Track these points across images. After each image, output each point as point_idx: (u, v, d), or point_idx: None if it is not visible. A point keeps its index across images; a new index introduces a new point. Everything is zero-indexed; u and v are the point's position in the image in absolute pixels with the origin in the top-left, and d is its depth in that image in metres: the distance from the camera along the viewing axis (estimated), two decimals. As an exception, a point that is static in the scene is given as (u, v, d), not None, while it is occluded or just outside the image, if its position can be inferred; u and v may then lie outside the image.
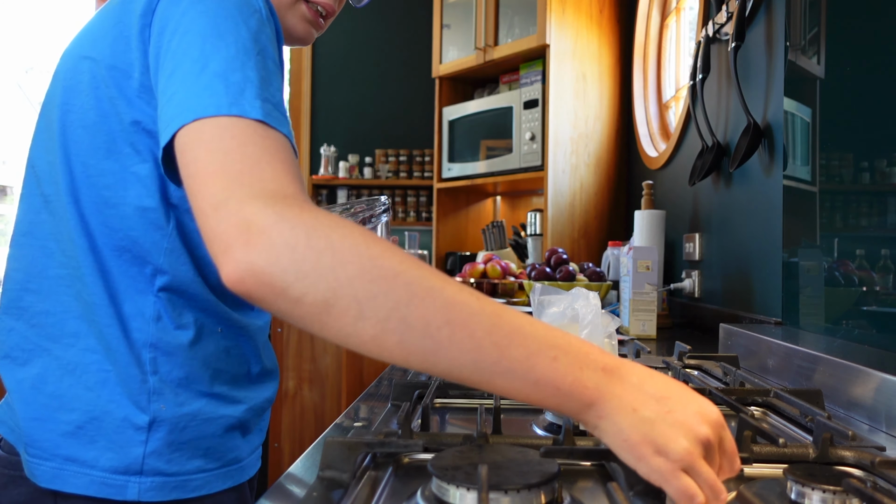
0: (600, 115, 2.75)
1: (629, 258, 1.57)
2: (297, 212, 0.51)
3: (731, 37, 1.54)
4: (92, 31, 0.72)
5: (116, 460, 0.68)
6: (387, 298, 0.49)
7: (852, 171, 1.13)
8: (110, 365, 0.69)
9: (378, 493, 0.56)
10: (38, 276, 0.72)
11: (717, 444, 0.50)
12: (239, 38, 0.61)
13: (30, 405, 0.70)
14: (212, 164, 0.54)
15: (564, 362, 0.50)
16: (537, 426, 0.77)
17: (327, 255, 0.49)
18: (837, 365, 0.88)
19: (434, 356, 0.49)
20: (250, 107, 0.57)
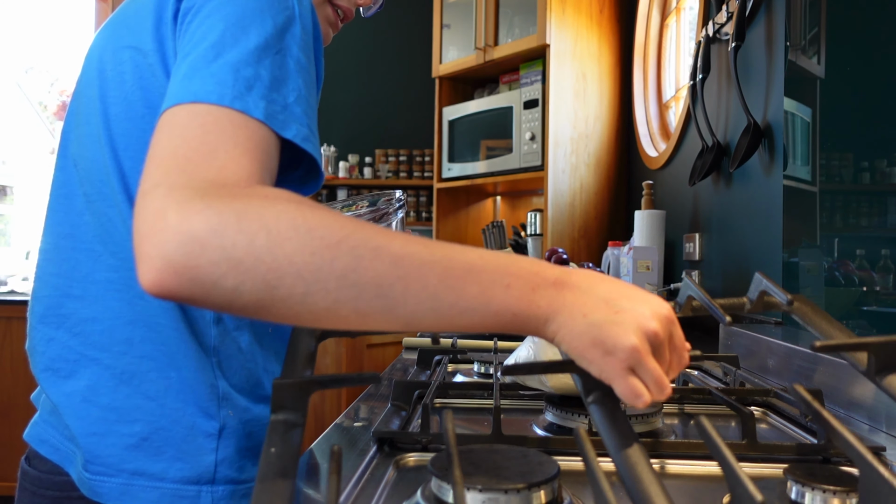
0: (600, 115, 2.75)
1: (629, 258, 1.57)
2: (229, 199, 0.48)
3: (731, 37, 1.54)
4: (129, 20, 0.68)
5: (187, 470, 0.66)
6: (332, 268, 0.47)
7: (852, 171, 1.13)
8: (173, 371, 0.66)
9: (378, 492, 0.56)
10: (82, 281, 0.67)
11: (666, 339, 0.51)
12: (262, 32, 0.59)
13: (84, 419, 0.66)
14: (167, 147, 0.52)
15: (518, 287, 0.50)
16: (537, 426, 0.77)
17: (261, 236, 0.46)
18: (838, 365, 0.88)
19: (391, 313, 0.49)
20: (254, 105, 0.55)
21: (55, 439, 0.70)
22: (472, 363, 1.09)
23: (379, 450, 0.66)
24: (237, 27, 0.58)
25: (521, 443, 0.66)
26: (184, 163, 0.50)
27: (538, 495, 0.49)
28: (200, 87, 0.55)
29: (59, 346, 0.68)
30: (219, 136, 0.53)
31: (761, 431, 0.78)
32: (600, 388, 0.52)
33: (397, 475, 0.61)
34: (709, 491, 0.59)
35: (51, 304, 0.70)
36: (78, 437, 0.66)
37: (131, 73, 0.66)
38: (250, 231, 0.46)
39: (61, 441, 0.69)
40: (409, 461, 0.64)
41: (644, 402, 0.49)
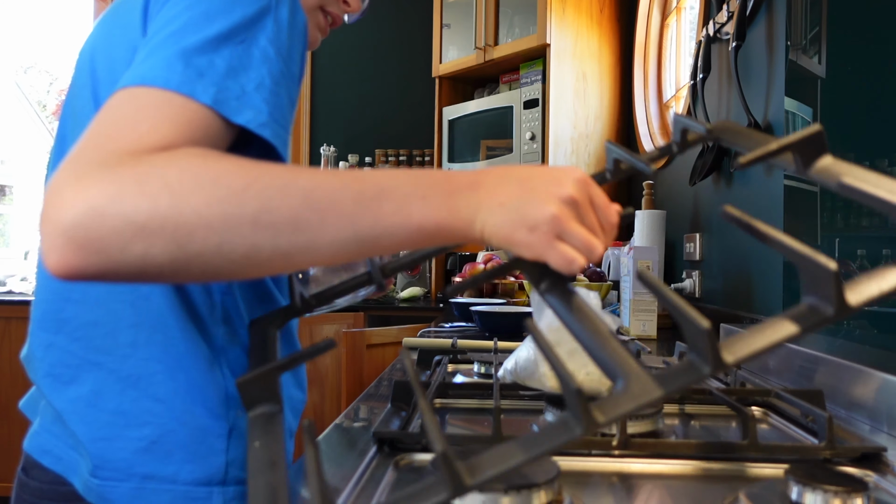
0: (600, 115, 2.75)
1: (629, 258, 1.57)
2: (133, 164, 0.46)
3: (731, 36, 1.54)
4: (121, 19, 0.68)
5: (198, 472, 0.65)
6: (243, 213, 0.46)
7: (853, 170, 1.13)
8: (181, 373, 0.65)
9: (378, 492, 0.56)
10: (81, 285, 0.65)
11: (585, 200, 0.53)
12: (227, 22, 0.58)
13: (91, 425, 0.64)
14: (93, 126, 0.50)
15: (434, 197, 0.50)
16: (537, 426, 0.77)
17: (164, 196, 0.45)
18: (838, 365, 0.88)
19: (313, 247, 0.48)
20: (202, 90, 0.53)
21: (58, 449, 0.68)
22: (472, 363, 1.09)
23: (379, 450, 0.65)
24: (203, 16, 0.57)
25: (521, 443, 0.65)
26: (101, 138, 0.49)
27: (538, 495, 0.48)
28: (149, 70, 0.54)
29: (60, 351, 0.67)
30: (152, 114, 0.51)
31: (762, 432, 0.78)
32: (547, 276, 0.52)
33: (397, 475, 0.61)
34: (709, 491, 0.59)
35: (49, 308, 0.69)
36: (85, 443, 0.64)
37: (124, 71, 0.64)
38: (152, 193, 0.45)
39: (64, 450, 0.67)
40: (409, 461, 0.64)
41: (579, 265, 0.50)
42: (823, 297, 0.40)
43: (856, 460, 0.64)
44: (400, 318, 2.86)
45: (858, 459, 0.64)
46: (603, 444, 0.65)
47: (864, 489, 0.49)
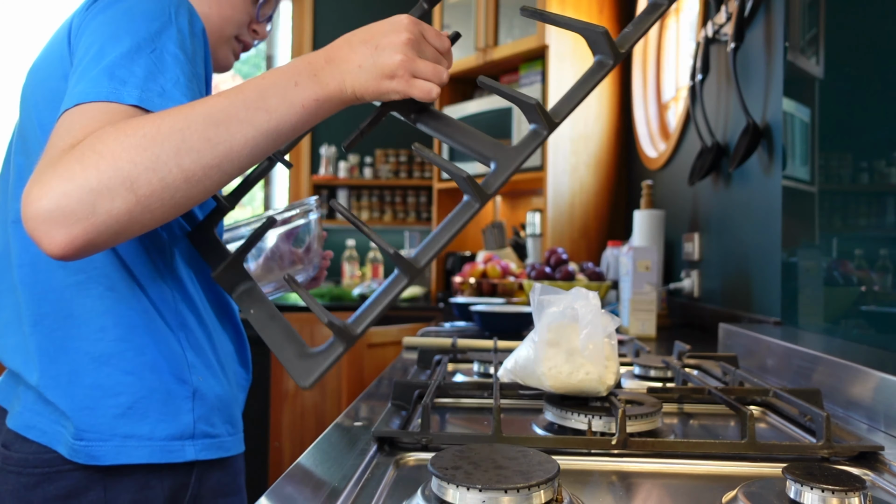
0: (600, 115, 2.75)
1: (629, 258, 1.58)
2: (72, 151, 0.59)
3: (730, 37, 1.54)
4: (49, 57, 0.79)
5: (171, 429, 0.75)
6: (166, 150, 0.59)
7: (851, 171, 1.13)
8: (146, 350, 0.75)
9: (378, 492, 0.56)
10: (55, 288, 0.76)
11: (420, 37, 0.66)
12: (135, 38, 0.69)
13: (73, 398, 0.74)
14: (52, 139, 0.63)
15: (304, 80, 0.64)
16: (537, 426, 0.77)
17: (102, 162, 0.58)
18: (836, 365, 0.88)
19: (233, 154, 0.62)
20: (127, 94, 0.65)
21: (42, 423, 0.75)
22: (472, 363, 1.09)
23: (379, 450, 0.66)
24: (112, 38, 0.69)
25: (521, 443, 0.66)
26: (50, 149, 0.61)
27: (538, 495, 0.49)
28: (81, 92, 0.65)
29: (41, 340, 0.76)
30: (86, 122, 0.62)
31: (760, 431, 0.79)
32: (414, 107, 0.70)
33: (397, 475, 0.61)
34: (709, 491, 0.60)
35: (26, 307, 0.77)
36: (68, 413, 0.73)
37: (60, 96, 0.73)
38: (92, 163, 0.58)
39: (48, 424, 0.75)
40: (409, 461, 0.64)
41: (435, 91, 0.66)
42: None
43: (853, 459, 0.64)
44: (400, 317, 2.86)
45: (856, 458, 0.64)
46: (602, 444, 0.66)
47: (861, 488, 0.50)
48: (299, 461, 0.63)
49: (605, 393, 0.75)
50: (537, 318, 0.79)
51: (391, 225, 3.67)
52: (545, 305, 0.79)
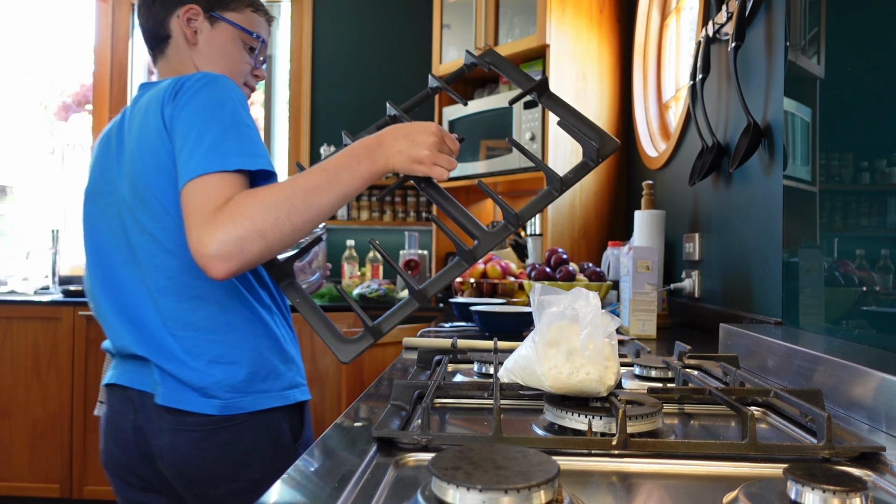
0: (600, 115, 2.75)
1: (629, 258, 1.57)
2: (223, 214, 0.93)
3: (731, 37, 1.54)
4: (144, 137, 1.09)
5: (282, 383, 1.11)
6: (283, 212, 0.94)
7: (852, 170, 1.13)
8: (260, 339, 1.10)
9: (378, 492, 0.56)
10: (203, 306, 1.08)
11: (441, 140, 1.01)
12: (219, 121, 1.00)
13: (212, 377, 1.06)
14: (192, 202, 0.96)
15: (363, 160, 1.00)
16: (537, 426, 0.77)
17: (247, 221, 0.93)
18: (837, 365, 0.88)
19: (322, 211, 0.97)
20: (230, 163, 0.97)
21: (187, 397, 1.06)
22: (472, 363, 1.09)
23: (379, 450, 0.66)
24: (205, 125, 1.00)
25: (521, 443, 0.66)
26: (200, 210, 0.94)
27: (538, 495, 0.49)
28: (196, 166, 0.96)
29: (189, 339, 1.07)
30: (214, 188, 0.96)
31: (761, 431, 0.78)
32: (428, 182, 1.06)
33: (397, 475, 0.61)
34: (709, 491, 0.59)
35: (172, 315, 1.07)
36: (211, 389, 1.06)
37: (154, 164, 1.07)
38: (239, 221, 0.92)
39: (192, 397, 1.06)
40: (409, 461, 0.64)
41: (446, 175, 1.01)
42: None
43: (854, 460, 0.64)
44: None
45: (857, 459, 0.64)
46: (603, 444, 0.66)
47: (862, 488, 0.49)
48: (299, 461, 0.63)
49: (606, 393, 0.75)
50: (537, 318, 0.79)
51: (391, 225, 3.67)
52: (545, 306, 0.79)
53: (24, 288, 3.43)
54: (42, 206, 4.10)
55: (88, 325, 3.06)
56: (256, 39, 1.24)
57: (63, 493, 3.02)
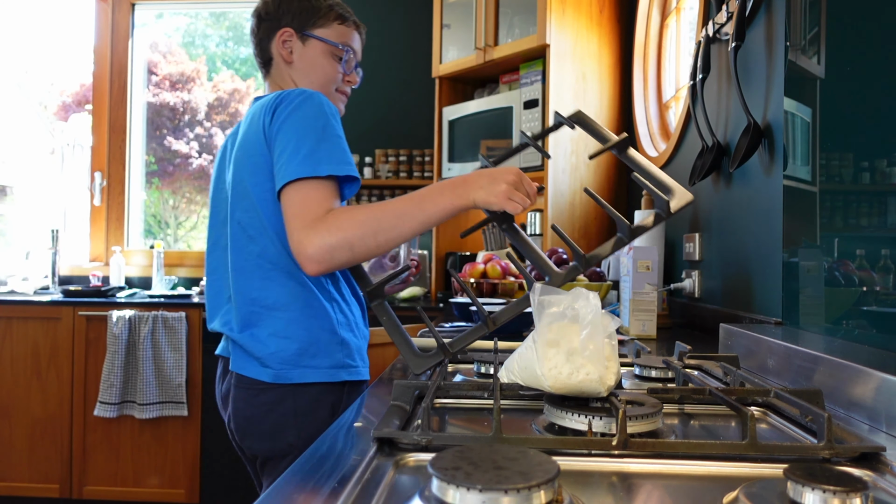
0: (600, 115, 2.75)
1: (629, 258, 1.57)
2: (324, 223, 1.10)
3: (731, 37, 1.54)
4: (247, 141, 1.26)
5: (330, 362, 1.23)
6: (371, 229, 1.10)
7: (852, 170, 1.13)
8: (313, 319, 1.23)
9: (378, 493, 0.56)
10: (269, 301, 1.23)
11: (520, 181, 1.11)
12: (315, 134, 1.16)
13: (268, 347, 1.21)
14: (293, 207, 1.13)
15: (448, 194, 1.12)
16: (537, 426, 0.77)
17: (340, 233, 1.09)
18: (837, 365, 0.88)
19: (403, 233, 1.13)
20: (322, 169, 1.13)
21: (249, 366, 1.23)
22: (472, 363, 1.09)
23: (379, 450, 0.66)
24: (303, 136, 1.16)
25: (521, 443, 0.66)
26: (302, 216, 1.11)
27: (538, 495, 0.49)
28: (294, 170, 1.13)
29: (263, 325, 1.23)
30: (312, 192, 1.13)
31: (761, 431, 0.78)
32: (505, 219, 1.17)
33: (397, 476, 0.61)
34: (709, 491, 0.59)
35: (246, 312, 1.24)
36: (266, 359, 1.21)
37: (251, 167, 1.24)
38: (333, 233, 1.09)
39: (252, 366, 1.23)
40: (409, 461, 0.64)
41: (519, 209, 1.10)
42: None
43: (855, 460, 0.64)
44: (400, 317, 2.85)
45: (857, 459, 0.64)
46: (603, 444, 0.65)
47: (863, 489, 0.49)
48: (299, 462, 0.63)
49: (606, 394, 0.75)
50: (537, 318, 0.79)
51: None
52: (545, 306, 0.79)
53: (24, 288, 3.43)
54: (42, 206, 4.10)
55: (88, 325, 3.06)
56: (342, 50, 1.39)
57: (63, 494, 3.02)
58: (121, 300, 3.13)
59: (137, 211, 3.96)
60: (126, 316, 2.97)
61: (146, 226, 4.07)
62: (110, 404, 2.93)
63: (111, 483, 3.03)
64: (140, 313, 2.98)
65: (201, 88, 4.11)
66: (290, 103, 1.18)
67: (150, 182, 4.10)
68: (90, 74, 3.86)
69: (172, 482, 3.02)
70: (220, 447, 2.99)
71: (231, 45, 4.29)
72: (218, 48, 4.28)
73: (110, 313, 2.98)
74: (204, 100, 4.11)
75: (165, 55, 4.07)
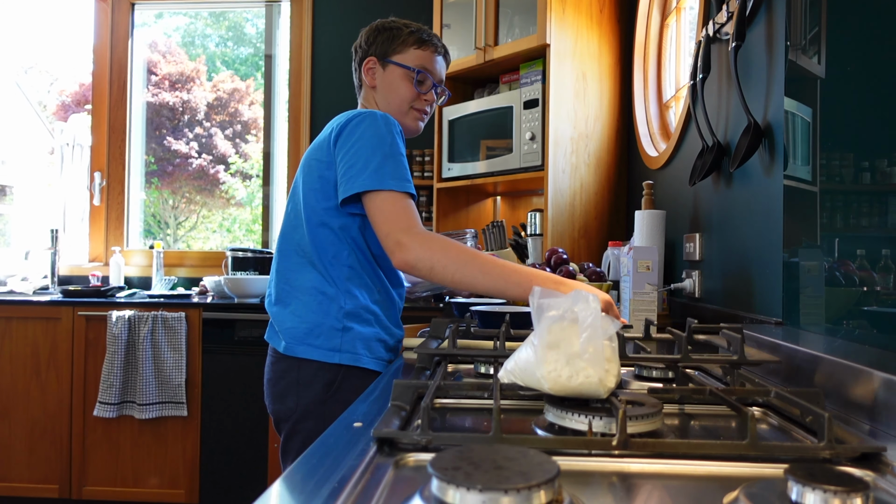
0: (600, 115, 2.75)
1: (629, 258, 1.57)
2: (419, 237, 1.27)
3: (731, 36, 1.54)
4: (318, 147, 1.46)
5: (329, 345, 1.39)
6: (452, 269, 1.26)
7: (853, 170, 1.13)
8: (322, 305, 1.40)
9: (378, 493, 0.56)
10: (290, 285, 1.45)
11: (610, 306, 1.17)
12: (381, 151, 1.33)
13: (285, 324, 1.42)
14: (380, 214, 1.31)
15: (536, 283, 1.20)
16: (537, 426, 0.77)
17: (426, 255, 1.26)
18: (838, 365, 0.88)
19: (472, 286, 1.26)
20: (389, 185, 1.31)
21: (272, 338, 1.48)
22: (472, 363, 1.09)
23: (379, 450, 0.66)
24: (371, 153, 1.34)
25: (521, 443, 0.66)
26: (398, 220, 1.30)
27: (538, 495, 0.48)
28: (363, 183, 1.31)
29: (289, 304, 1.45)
30: (391, 204, 1.31)
31: (761, 432, 0.78)
32: None
33: (397, 476, 0.61)
34: (709, 491, 0.59)
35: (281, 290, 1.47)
36: (281, 333, 1.43)
37: (317, 171, 1.43)
38: (422, 251, 1.26)
39: (274, 339, 1.46)
40: (408, 462, 0.64)
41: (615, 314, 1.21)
42: None
43: (855, 460, 0.64)
44: (400, 318, 2.85)
45: (858, 459, 0.64)
46: (603, 444, 0.65)
47: (863, 489, 0.49)
48: (299, 462, 0.63)
49: (606, 395, 0.74)
50: (536, 321, 0.79)
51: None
52: (544, 309, 0.79)
53: (24, 288, 3.43)
54: (41, 206, 4.10)
55: (87, 325, 3.06)
56: (413, 72, 1.54)
57: (62, 494, 3.02)
58: (120, 300, 3.13)
59: (137, 211, 3.96)
60: (126, 316, 2.97)
61: (146, 226, 4.07)
62: (110, 404, 2.93)
63: (111, 483, 3.03)
64: (140, 313, 2.98)
65: (201, 88, 4.11)
66: (358, 124, 1.37)
67: (149, 182, 4.10)
68: (90, 74, 3.86)
69: (172, 482, 3.02)
70: (220, 447, 2.99)
71: (231, 45, 4.29)
72: (217, 48, 4.28)
73: (110, 313, 2.98)
74: (203, 100, 4.11)
75: (165, 55, 4.06)
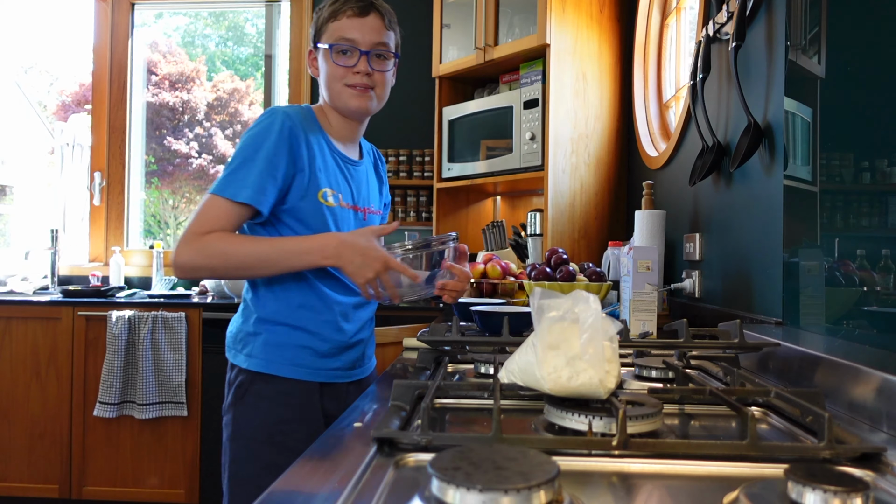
0: (600, 115, 2.75)
1: (629, 258, 1.57)
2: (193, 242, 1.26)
3: (731, 36, 1.54)
4: None
5: (244, 349, 1.42)
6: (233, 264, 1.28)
7: (853, 170, 1.13)
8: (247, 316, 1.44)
9: (378, 493, 0.56)
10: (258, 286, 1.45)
11: (384, 275, 1.25)
12: (245, 154, 1.30)
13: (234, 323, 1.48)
14: (195, 214, 1.30)
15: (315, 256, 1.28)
16: (537, 426, 0.77)
17: (205, 259, 1.27)
18: (838, 365, 0.88)
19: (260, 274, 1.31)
20: (217, 189, 1.29)
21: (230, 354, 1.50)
22: (472, 363, 1.09)
23: (379, 450, 0.66)
24: (234, 158, 1.32)
25: (521, 443, 0.66)
26: (191, 227, 1.28)
27: (538, 495, 0.48)
28: (212, 186, 1.30)
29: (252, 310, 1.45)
30: (205, 210, 1.29)
31: (762, 432, 0.78)
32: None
33: (397, 476, 0.61)
34: (709, 491, 0.59)
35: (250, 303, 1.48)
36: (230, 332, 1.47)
37: None
38: (205, 259, 1.27)
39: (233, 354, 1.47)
40: (408, 462, 0.64)
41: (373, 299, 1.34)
42: None
43: (856, 460, 0.64)
44: (400, 318, 2.86)
45: (858, 459, 0.64)
46: (603, 445, 0.65)
47: (864, 489, 0.49)
48: (299, 462, 0.63)
49: (606, 396, 0.74)
50: (537, 322, 0.79)
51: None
52: (545, 309, 0.79)
53: (24, 288, 3.42)
54: (41, 206, 4.10)
55: (87, 326, 3.06)
56: (329, 49, 1.42)
57: (62, 494, 3.02)
58: (120, 300, 3.13)
59: (137, 211, 3.96)
60: (125, 316, 2.97)
61: (146, 226, 4.07)
62: (110, 404, 2.93)
63: (111, 483, 3.03)
64: (139, 313, 2.98)
65: (201, 88, 4.11)
66: (255, 122, 1.36)
67: (149, 182, 4.10)
68: (90, 74, 3.86)
69: (172, 482, 3.02)
70: (219, 447, 2.99)
71: (231, 45, 4.29)
72: (217, 48, 4.28)
73: (110, 313, 2.98)
74: (203, 100, 4.11)
75: (165, 55, 4.06)
